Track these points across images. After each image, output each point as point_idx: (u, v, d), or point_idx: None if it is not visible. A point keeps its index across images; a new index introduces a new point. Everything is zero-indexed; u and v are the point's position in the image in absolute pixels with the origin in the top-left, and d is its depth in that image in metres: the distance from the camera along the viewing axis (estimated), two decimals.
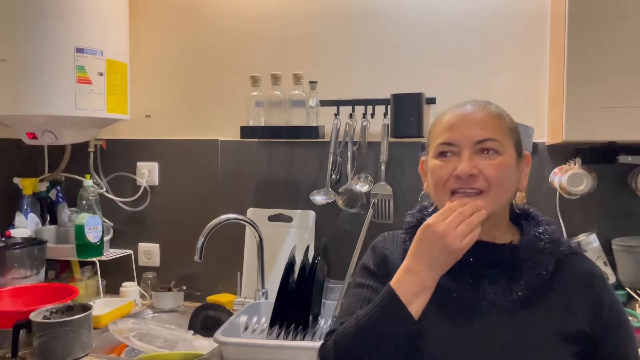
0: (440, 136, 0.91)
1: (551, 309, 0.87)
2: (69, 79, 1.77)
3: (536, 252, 0.89)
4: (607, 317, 0.89)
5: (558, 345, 0.85)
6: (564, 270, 0.90)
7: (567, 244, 0.94)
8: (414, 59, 1.84)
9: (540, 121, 1.69)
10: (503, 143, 0.89)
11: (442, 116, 0.94)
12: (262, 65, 1.93)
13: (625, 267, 1.59)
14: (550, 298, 0.88)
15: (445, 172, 0.89)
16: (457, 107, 0.94)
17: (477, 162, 0.87)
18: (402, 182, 1.84)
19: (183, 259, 2.05)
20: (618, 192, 1.65)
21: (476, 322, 0.87)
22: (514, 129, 0.93)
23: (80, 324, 1.47)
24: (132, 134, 2.14)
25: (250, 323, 1.69)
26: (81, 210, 1.94)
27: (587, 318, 0.88)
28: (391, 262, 0.97)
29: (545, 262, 0.88)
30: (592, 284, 0.90)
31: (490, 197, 0.88)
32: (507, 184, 0.90)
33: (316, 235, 1.92)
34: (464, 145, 0.88)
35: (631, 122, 1.33)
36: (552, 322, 0.86)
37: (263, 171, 1.99)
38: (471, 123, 0.89)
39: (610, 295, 0.92)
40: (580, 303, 0.88)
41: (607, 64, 1.35)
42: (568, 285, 0.90)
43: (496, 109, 0.93)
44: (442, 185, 0.90)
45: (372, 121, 1.82)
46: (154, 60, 2.11)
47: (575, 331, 0.87)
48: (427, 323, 0.87)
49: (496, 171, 0.87)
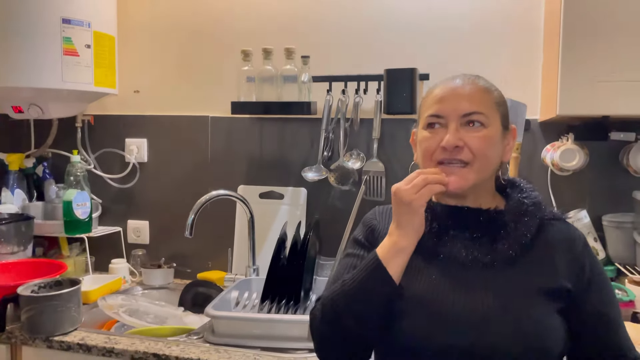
0: (430, 108, 0.94)
1: (534, 267, 0.91)
2: (55, 51, 1.72)
3: (519, 215, 0.93)
4: (589, 277, 0.92)
5: (541, 300, 0.88)
6: (547, 233, 0.94)
7: (549, 209, 0.98)
8: (407, 35, 1.82)
9: (533, 98, 1.69)
10: (489, 116, 0.92)
11: (433, 89, 0.97)
12: (254, 39, 1.91)
13: (615, 243, 1.60)
14: (533, 257, 0.91)
15: (432, 143, 0.93)
16: (448, 80, 0.97)
17: (462, 135, 0.91)
18: (394, 160, 1.83)
19: (173, 236, 2.03)
20: (609, 169, 1.66)
21: (461, 280, 0.90)
22: (501, 102, 0.96)
23: (69, 299, 1.45)
24: (121, 109, 2.10)
25: (241, 299, 1.68)
26: (69, 187, 1.91)
27: (569, 277, 0.91)
28: (378, 231, 1.01)
29: (528, 224, 0.92)
30: (573, 246, 0.94)
31: (474, 169, 0.92)
32: (491, 156, 0.93)
33: (307, 212, 1.91)
34: (451, 117, 0.92)
35: (625, 96, 1.33)
36: (535, 279, 0.90)
37: (254, 148, 1.97)
38: (459, 96, 0.92)
39: (592, 259, 0.95)
40: (563, 263, 0.92)
41: (602, 38, 1.35)
42: (551, 246, 0.93)
43: (485, 83, 0.96)
44: (429, 156, 0.94)
45: (364, 97, 1.80)
46: (142, 35, 2.07)
47: (558, 287, 0.90)
48: (414, 282, 0.91)
49: (480, 143, 0.91)
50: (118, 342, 1.41)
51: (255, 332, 1.41)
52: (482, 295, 0.88)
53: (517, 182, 1.01)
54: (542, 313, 0.87)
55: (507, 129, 0.97)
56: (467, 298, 0.88)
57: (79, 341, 1.42)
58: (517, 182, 1.01)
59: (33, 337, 1.44)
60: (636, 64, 1.33)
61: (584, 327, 0.92)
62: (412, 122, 1.77)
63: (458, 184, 0.91)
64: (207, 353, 1.35)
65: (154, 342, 1.42)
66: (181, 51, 2.03)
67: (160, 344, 1.41)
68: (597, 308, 0.92)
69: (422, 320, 0.88)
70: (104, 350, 1.39)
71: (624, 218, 1.60)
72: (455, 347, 0.85)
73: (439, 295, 0.90)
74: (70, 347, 1.42)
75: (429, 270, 0.92)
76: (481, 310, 0.87)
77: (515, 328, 0.85)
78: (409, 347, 0.89)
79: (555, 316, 0.88)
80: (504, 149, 0.97)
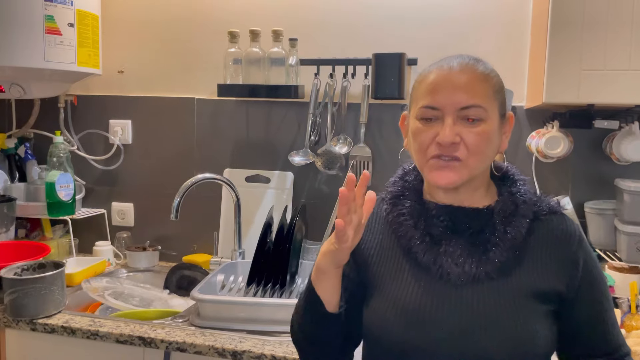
0: (424, 98, 0.87)
1: (525, 270, 0.87)
2: (37, 29, 1.68)
3: (509, 216, 0.89)
4: (582, 276, 0.89)
5: (531, 304, 0.86)
6: (541, 230, 0.90)
7: (546, 202, 0.93)
8: (396, 20, 1.80)
9: (520, 85, 1.70)
10: (487, 109, 0.86)
11: (427, 74, 0.89)
12: (241, 20, 1.88)
13: (597, 230, 1.63)
14: (525, 260, 0.88)
15: (427, 137, 0.87)
16: (443, 64, 0.89)
17: (459, 130, 0.85)
18: (382, 145, 1.83)
19: (158, 219, 2.02)
20: (592, 157, 1.68)
21: (449, 289, 0.87)
22: (499, 89, 0.90)
23: (53, 281, 1.44)
24: (104, 90, 2.07)
25: (227, 282, 1.68)
26: (51, 168, 1.88)
27: (562, 277, 0.88)
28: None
29: (518, 225, 0.88)
30: (569, 243, 0.90)
31: (470, 165, 0.86)
32: (487, 152, 0.88)
33: (294, 196, 1.91)
34: (447, 110, 0.85)
35: (611, 84, 1.34)
36: (525, 283, 0.86)
37: (240, 131, 1.96)
38: (456, 87, 0.85)
39: (587, 254, 0.91)
40: (556, 263, 0.88)
41: (590, 27, 1.35)
42: (544, 246, 0.89)
43: (484, 68, 0.89)
44: (423, 151, 0.88)
45: (352, 82, 1.80)
46: (126, 13, 2.02)
47: (550, 290, 0.87)
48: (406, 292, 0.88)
49: (478, 139, 0.85)
50: (103, 325, 1.41)
51: (241, 315, 1.41)
52: (470, 304, 0.85)
53: (509, 171, 0.96)
54: (531, 318, 0.85)
55: (505, 116, 0.91)
56: (454, 308, 0.85)
57: (63, 324, 1.41)
58: (510, 172, 0.96)
59: (16, 320, 1.43)
60: (622, 53, 1.34)
61: (576, 324, 0.90)
62: (400, 107, 1.79)
63: (450, 179, 0.86)
64: (192, 336, 1.35)
65: (139, 325, 1.42)
66: (167, 31, 2.00)
67: (146, 326, 1.41)
68: (590, 305, 0.90)
69: (408, 328, 0.86)
70: (88, 333, 1.39)
71: (605, 205, 1.62)
72: (443, 353, 0.83)
73: (424, 303, 0.86)
74: (55, 329, 1.41)
75: (417, 280, 0.89)
76: (468, 319, 0.84)
77: (503, 334, 0.83)
78: (394, 352, 0.87)
79: (544, 320, 0.86)
80: (501, 138, 0.91)
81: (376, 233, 0.96)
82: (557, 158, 1.61)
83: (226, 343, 1.31)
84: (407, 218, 0.92)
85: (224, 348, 1.30)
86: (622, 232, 1.53)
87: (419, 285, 0.88)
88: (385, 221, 0.96)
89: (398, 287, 0.89)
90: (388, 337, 0.87)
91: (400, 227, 0.92)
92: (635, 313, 1.33)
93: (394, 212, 0.94)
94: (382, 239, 0.95)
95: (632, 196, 1.50)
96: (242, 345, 1.30)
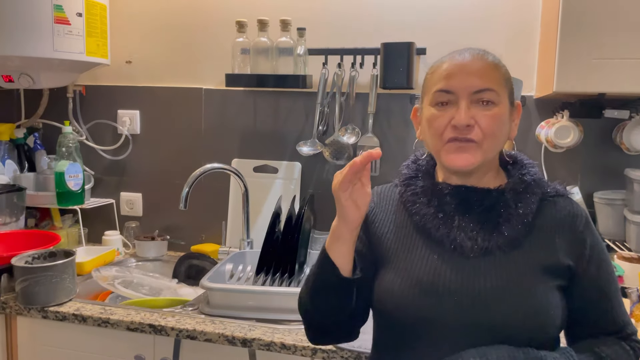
0: (438, 83, 0.91)
1: (535, 246, 0.91)
2: (46, 19, 1.69)
3: (520, 193, 0.93)
4: (589, 254, 0.93)
5: (542, 278, 0.89)
6: (548, 210, 0.94)
7: (553, 185, 0.98)
8: (404, 10, 1.79)
9: (529, 74, 1.69)
10: (499, 93, 0.90)
11: (440, 64, 0.94)
12: (249, 10, 1.87)
13: (605, 220, 1.63)
14: (535, 236, 0.92)
15: (442, 122, 0.91)
16: (455, 55, 0.94)
17: (473, 113, 0.89)
18: (390, 134, 1.83)
19: (166, 208, 2.03)
20: (602, 147, 1.67)
21: (462, 262, 0.90)
22: (508, 78, 0.95)
23: (64, 270, 1.46)
24: (113, 80, 2.07)
25: (235, 271, 1.69)
26: (61, 158, 1.89)
27: (570, 254, 0.92)
28: (374, 214, 1.01)
29: (528, 201, 0.92)
30: (575, 223, 0.94)
31: (483, 148, 0.90)
32: (500, 135, 0.92)
33: (302, 186, 1.91)
34: (461, 94, 0.89)
35: (621, 73, 1.33)
36: (536, 258, 0.90)
37: (248, 121, 1.96)
38: (469, 72, 0.89)
39: (593, 236, 0.95)
40: (564, 241, 0.92)
41: (600, 17, 1.34)
42: (552, 224, 0.93)
43: (493, 58, 0.94)
44: (439, 135, 0.92)
45: (360, 71, 1.79)
46: (134, 3, 2.02)
47: (559, 265, 0.91)
48: (415, 262, 0.92)
49: (491, 122, 0.89)
50: (114, 313, 1.42)
51: (250, 303, 1.42)
52: (483, 275, 0.88)
53: (519, 157, 1.01)
54: (542, 290, 0.88)
55: (513, 105, 0.96)
56: (468, 278, 0.89)
57: (74, 312, 1.42)
58: (519, 158, 1.00)
59: (28, 308, 1.45)
60: (633, 42, 1.33)
61: (583, 302, 0.93)
62: (409, 97, 1.78)
63: (467, 161, 0.90)
64: (202, 324, 1.36)
65: (150, 313, 1.43)
66: (175, 21, 2.00)
67: (156, 314, 1.42)
68: (597, 284, 0.93)
69: (422, 299, 0.89)
70: (99, 321, 1.40)
71: (615, 195, 1.62)
72: (456, 324, 0.86)
73: (439, 275, 0.90)
74: (66, 317, 1.43)
75: (431, 253, 0.92)
76: (482, 289, 0.87)
77: (515, 305, 0.86)
78: (408, 324, 0.90)
79: (556, 293, 0.89)
80: (511, 126, 0.95)
81: (389, 213, 1.01)
82: (567, 148, 1.60)
83: (236, 331, 1.32)
84: (420, 197, 0.96)
85: (234, 336, 1.31)
86: (632, 222, 1.52)
87: (433, 258, 0.92)
88: (398, 202, 1.01)
89: (412, 261, 0.93)
90: (403, 308, 0.90)
91: (413, 205, 0.96)
92: None
93: (407, 192, 0.98)
94: (396, 218, 0.99)
95: None
96: (251, 333, 1.31)
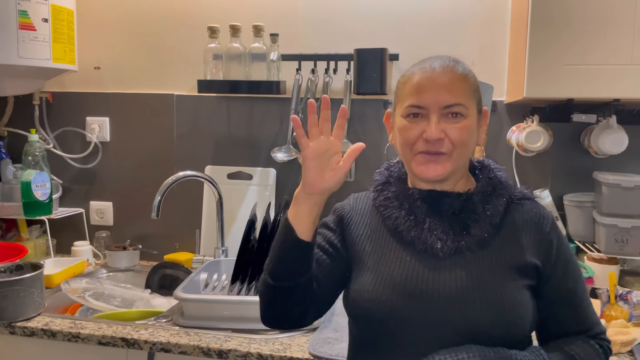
0: (409, 98, 0.95)
1: (504, 246, 0.94)
2: (10, 25, 1.64)
3: (487, 196, 0.97)
4: (556, 255, 0.96)
5: (511, 277, 0.92)
6: (515, 212, 0.98)
7: (519, 189, 1.02)
8: (377, 16, 1.80)
9: (500, 80, 1.71)
10: (468, 106, 0.94)
11: (411, 75, 0.96)
12: (221, 15, 1.86)
13: (575, 222, 1.66)
14: (503, 237, 0.95)
15: (413, 134, 0.94)
16: (425, 65, 0.96)
17: (443, 126, 0.92)
18: (364, 139, 1.78)
19: (138, 217, 1.99)
20: (571, 150, 1.70)
21: (434, 263, 0.93)
22: (477, 89, 0.99)
23: (32, 283, 1.41)
24: (81, 86, 2.02)
25: (210, 280, 1.67)
26: (27, 167, 1.84)
27: (537, 254, 0.95)
28: (349, 217, 1.04)
29: (496, 204, 0.96)
30: (542, 224, 0.97)
31: (453, 158, 0.94)
32: (469, 144, 0.96)
33: (277, 193, 1.90)
34: (432, 109, 0.93)
35: (590, 79, 1.36)
36: (505, 257, 0.93)
37: (222, 127, 1.94)
38: (439, 87, 0.93)
39: (560, 237, 0.99)
40: (531, 241, 0.96)
41: (569, 23, 1.37)
42: (520, 225, 0.96)
43: (463, 69, 0.97)
44: (410, 146, 0.95)
45: (334, 77, 1.79)
46: (103, 8, 1.98)
47: (527, 264, 0.94)
48: (387, 263, 0.95)
49: (460, 134, 0.93)
50: (84, 327, 1.38)
51: (225, 313, 1.40)
52: (454, 275, 0.91)
53: (486, 163, 1.05)
54: (511, 288, 0.91)
55: (481, 112, 0.99)
56: (440, 277, 0.91)
57: (42, 326, 1.38)
58: (486, 163, 1.05)
59: None
60: (601, 48, 1.36)
61: (552, 303, 0.95)
62: (382, 103, 1.79)
63: (437, 172, 0.94)
64: (177, 336, 1.33)
65: (122, 326, 1.39)
66: (144, 26, 1.96)
67: (129, 327, 1.38)
68: (564, 284, 0.96)
69: (394, 297, 0.91)
70: (69, 336, 1.36)
71: (584, 197, 1.65)
72: (428, 322, 0.89)
73: (412, 276, 0.92)
74: (34, 332, 1.38)
75: (404, 254, 0.95)
76: (453, 287, 0.90)
77: (485, 303, 0.88)
78: (381, 321, 0.92)
79: (525, 292, 0.92)
80: (478, 132, 0.99)
81: (365, 217, 1.04)
82: (537, 152, 1.63)
83: (211, 342, 1.30)
84: (392, 201, 1.00)
85: (210, 347, 1.28)
86: (601, 224, 1.56)
87: (405, 260, 0.95)
88: (372, 207, 1.04)
89: (386, 262, 0.96)
90: (376, 306, 0.92)
91: (386, 209, 1.00)
92: (614, 303, 1.35)
93: (380, 197, 1.02)
94: (370, 222, 1.02)
95: (609, 188, 1.53)
96: (227, 344, 1.29)
